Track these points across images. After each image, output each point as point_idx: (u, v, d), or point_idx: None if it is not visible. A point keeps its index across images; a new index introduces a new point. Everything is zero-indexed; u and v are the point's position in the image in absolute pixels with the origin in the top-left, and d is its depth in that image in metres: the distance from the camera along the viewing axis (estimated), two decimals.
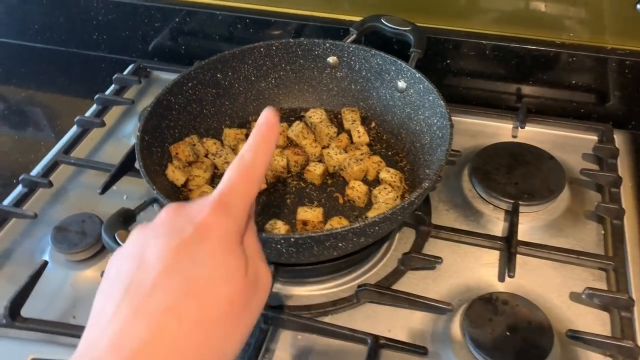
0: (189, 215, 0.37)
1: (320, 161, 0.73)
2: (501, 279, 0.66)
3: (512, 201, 0.71)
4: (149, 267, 0.35)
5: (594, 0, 0.79)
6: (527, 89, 0.89)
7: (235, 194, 0.39)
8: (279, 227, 0.63)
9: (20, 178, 0.76)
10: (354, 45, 0.76)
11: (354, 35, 0.79)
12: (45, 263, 0.66)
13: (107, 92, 0.93)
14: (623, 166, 0.79)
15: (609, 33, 0.82)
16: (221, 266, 0.36)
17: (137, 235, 0.38)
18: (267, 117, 0.42)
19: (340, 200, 0.69)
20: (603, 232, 0.71)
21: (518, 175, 0.75)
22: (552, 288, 0.65)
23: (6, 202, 0.75)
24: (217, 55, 0.75)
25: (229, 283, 0.36)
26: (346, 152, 0.72)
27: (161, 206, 0.62)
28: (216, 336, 0.35)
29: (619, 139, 0.83)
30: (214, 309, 0.34)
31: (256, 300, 0.38)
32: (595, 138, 0.83)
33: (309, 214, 0.63)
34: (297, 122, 0.76)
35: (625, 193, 0.75)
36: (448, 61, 0.89)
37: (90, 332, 0.35)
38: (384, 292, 0.62)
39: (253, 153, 0.41)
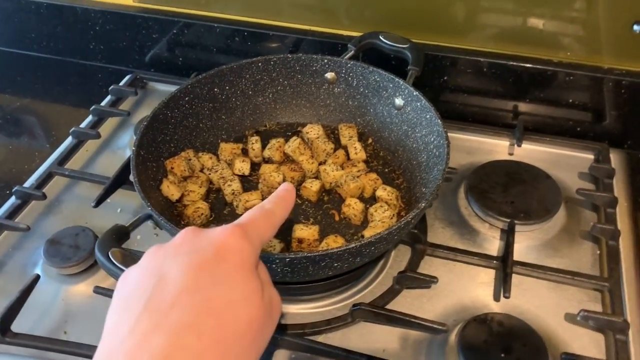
0: (209, 237, 0.39)
1: (316, 178, 0.72)
2: (496, 298, 0.66)
3: (508, 220, 0.71)
4: (169, 284, 0.35)
5: (590, 20, 0.80)
6: (524, 107, 0.89)
7: (255, 227, 0.42)
8: (274, 245, 0.62)
9: (13, 190, 0.76)
10: (351, 62, 0.76)
11: (352, 52, 0.79)
12: (37, 277, 0.65)
13: (103, 103, 0.92)
14: (619, 186, 0.79)
15: (606, 53, 0.82)
16: (240, 288, 0.37)
17: (154, 253, 0.39)
18: (285, 185, 0.49)
19: (337, 218, 0.68)
20: (599, 252, 0.71)
21: (514, 194, 0.75)
22: (548, 309, 0.65)
23: None
24: (214, 70, 0.74)
25: (247, 305, 0.37)
26: (343, 168, 0.72)
27: (155, 222, 0.62)
28: (233, 356, 0.35)
29: (615, 158, 0.83)
30: (233, 329, 0.35)
31: (270, 324, 0.40)
32: (592, 157, 0.84)
33: (304, 231, 0.63)
34: (294, 137, 0.76)
35: (621, 213, 0.75)
36: (445, 77, 0.89)
37: (105, 345, 0.35)
38: (378, 312, 0.61)
39: (273, 204, 0.45)
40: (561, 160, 0.83)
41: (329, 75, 0.78)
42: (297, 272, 0.53)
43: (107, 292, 0.64)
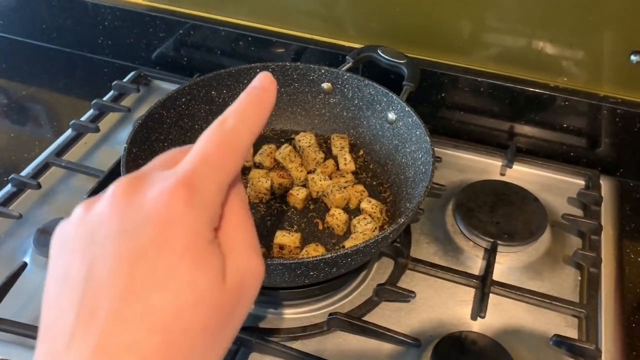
0: (145, 204, 0.30)
1: (304, 186, 0.73)
2: (474, 317, 0.66)
3: (492, 240, 0.72)
4: (101, 285, 0.29)
5: (589, 48, 0.80)
6: (518, 128, 0.90)
7: (208, 171, 0.31)
8: None
9: (9, 177, 0.77)
10: (348, 74, 0.77)
11: (350, 64, 0.80)
12: (24, 265, 0.66)
13: (106, 98, 0.94)
14: (607, 213, 0.79)
15: (603, 81, 0.83)
16: (188, 288, 0.29)
17: (83, 219, 0.31)
18: (261, 79, 0.35)
19: (320, 227, 0.69)
20: (580, 278, 0.71)
21: (500, 214, 0.75)
22: (523, 331, 0.65)
23: None
24: (213, 73, 0.76)
25: (199, 308, 0.29)
26: (331, 178, 0.73)
27: None
28: None
29: (606, 185, 0.84)
30: (184, 342, 0.29)
31: (241, 305, 0.32)
32: (583, 183, 0.84)
33: (286, 238, 0.64)
34: (286, 145, 0.77)
35: (606, 241, 0.75)
36: (443, 94, 0.90)
37: (43, 354, 0.30)
38: (353, 322, 0.62)
39: (238, 118, 0.33)
40: (552, 184, 0.84)
41: (326, 85, 0.79)
42: (272, 278, 0.54)
43: None
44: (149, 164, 0.34)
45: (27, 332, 0.61)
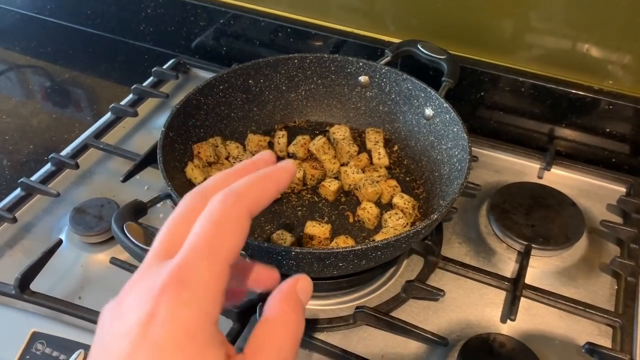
0: (135, 306, 0.28)
1: (336, 178, 0.73)
2: (503, 320, 0.65)
3: (525, 243, 0.70)
4: None
5: (637, 51, 0.78)
6: (559, 131, 0.87)
7: (202, 262, 0.28)
8: (285, 238, 0.63)
9: (49, 157, 0.79)
10: (386, 67, 0.76)
11: (389, 58, 0.79)
12: (60, 242, 0.68)
13: (145, 84, 0.95)
14: None
15: None
16: None
17: (102, 319, 0.30)
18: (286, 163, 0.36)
19: (351, 220, 0.69)
20: (617, 287, 0.69)
21: (536, 217, 0.74)
22: (554, 337, 0.64)
23: (34, 177, 0.78)
24: (251, 62, 0.76)
25: None
26: (364, 172, 0.72)
27: (174, 202, 0.64)
28: None
29: None
30: None
31: None
32: (624, 190, 0.81)
33: (316, 229, 0.64)
34: (320, 136, 0.77)
35: None
36: (482, 93, 0.89)
37: None
38: (380, 317, 0.61)
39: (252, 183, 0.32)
40: (591, 190, 0.82)
41: (363, 78, 0.78)
42: (301, 267, 0.54)
43: (123, 264, 0.66)
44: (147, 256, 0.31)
45: (59, 306, 0.63)
